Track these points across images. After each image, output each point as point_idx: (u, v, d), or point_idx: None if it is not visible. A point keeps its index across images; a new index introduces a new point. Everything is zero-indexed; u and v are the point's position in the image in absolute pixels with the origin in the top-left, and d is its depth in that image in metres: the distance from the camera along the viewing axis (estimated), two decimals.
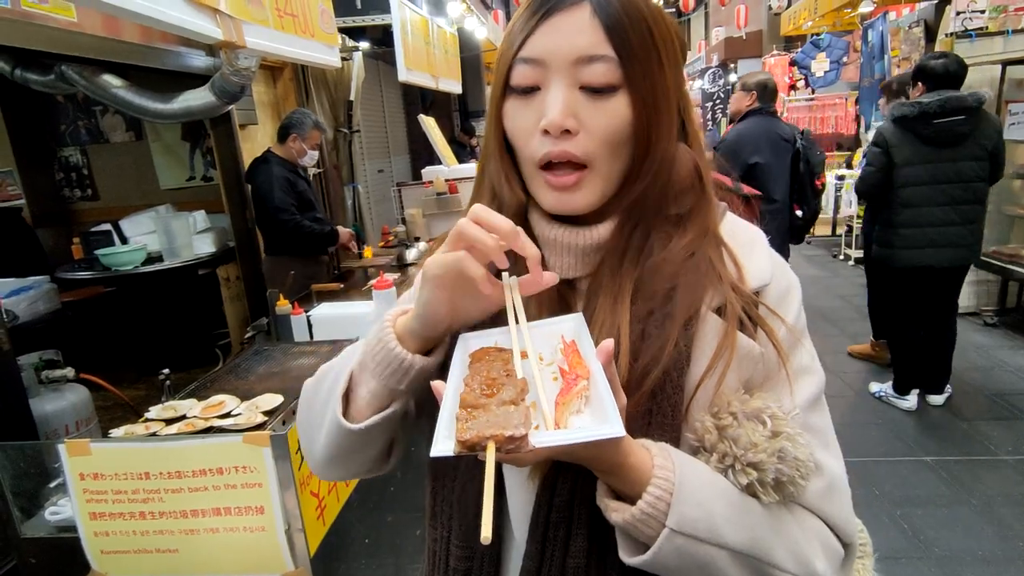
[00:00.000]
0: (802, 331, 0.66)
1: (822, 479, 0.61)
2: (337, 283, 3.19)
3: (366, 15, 3.92)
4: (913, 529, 2.42)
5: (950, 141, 2.90)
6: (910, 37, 7.44)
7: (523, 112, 0.61)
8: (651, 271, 0.63)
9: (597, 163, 0.61)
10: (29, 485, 1.51)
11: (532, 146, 0.61)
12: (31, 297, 3.23)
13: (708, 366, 0.60)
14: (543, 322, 0.59)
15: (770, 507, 0.57)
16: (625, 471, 0.53)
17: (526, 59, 0.60)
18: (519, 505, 0.64)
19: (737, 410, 0.58)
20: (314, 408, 0.68)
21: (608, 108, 0.59)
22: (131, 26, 2.44)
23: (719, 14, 14.97)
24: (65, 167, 4.28)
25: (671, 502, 0.52)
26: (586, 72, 0.58)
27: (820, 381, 0.66)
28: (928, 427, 3.18)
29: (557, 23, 0.59)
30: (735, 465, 0.56)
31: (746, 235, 0.68)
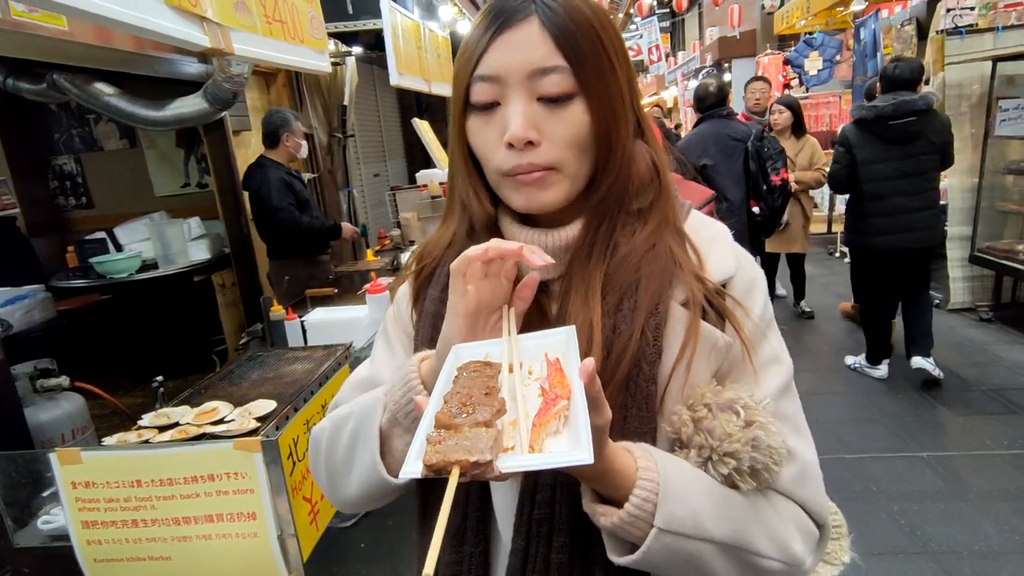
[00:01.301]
0: (769, 322, 0.68)
1: (795, 465, 0.63)
2: (331, 288, 3.19)
3: (357, 20, 3.93)
4: (910, 525, 2.42)
5: (906, 139, 3.28)
6: (902, 35, 7.47)
7: (485, 128, 0.63)
8: (618, 264, 0.65)
9: (564, 165, 0.62)
10: (22, 495, 1.51)
11: (498, 159, 0.63)
12: (26, 306, 3.23)
13: (677, 356, 0.62)
14: (536, 334, 0.59)
15: (749, 496, 0.59)
16: (610, 477, 0.53)
17: (483, 77, 0.62)
18: (504, 504, 0.65)
19: (711, 401, 0.59)
20: (336, 456, 0.70)
21: (567, 116, 0.61)
22: (122, 34, 2.44)
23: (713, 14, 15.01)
24: (59, 175, 4.29)
25: (657, 502, 0.53)
26: (542, 84, 0.60)
27: (789, 370, 0.68)
28: (924, 423, 3.18)
29: (508, 39, 0.61)
30: (712, 457, 0.58)
31: (709, 230, 0.71)
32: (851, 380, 3.74)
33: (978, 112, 4.46)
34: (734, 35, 12.52)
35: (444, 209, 0.76)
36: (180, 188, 4.33)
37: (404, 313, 0.77)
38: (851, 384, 3.69)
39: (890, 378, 3.71)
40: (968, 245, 4.53)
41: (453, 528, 0.67)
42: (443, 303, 0.68)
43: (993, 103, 4.29)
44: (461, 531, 0.67)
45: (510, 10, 0.61)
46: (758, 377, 0.64)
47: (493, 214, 0.69)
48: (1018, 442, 2.93)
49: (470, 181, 0.68)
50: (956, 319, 4.56)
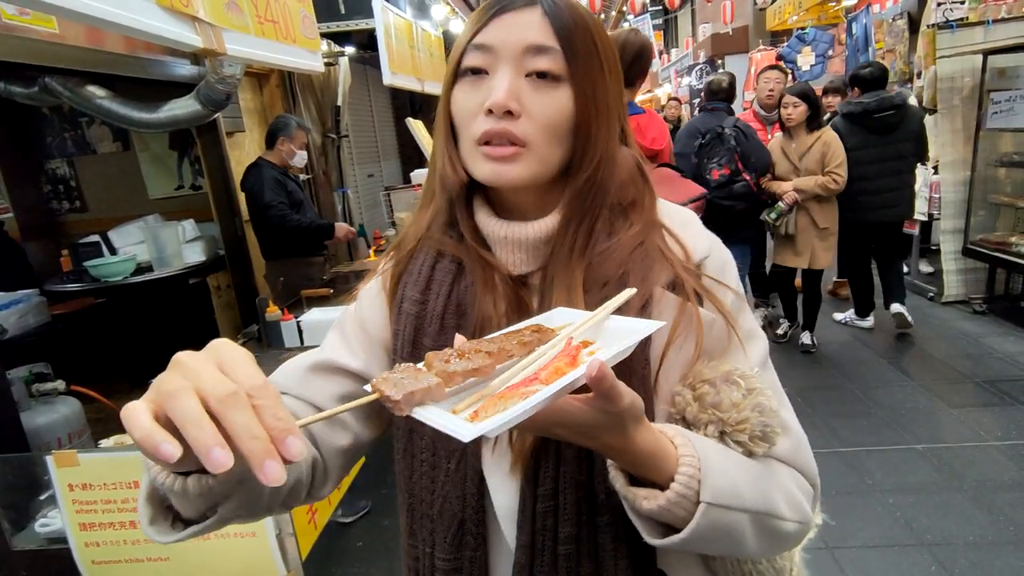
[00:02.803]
0: (743, 298, 0.70)
1: (789, 437, 0.65)
2: (327, 288, 3.19)
3: (350, 20, 3.92)
4: (905, 517, 2.44)
5: (887, 130, 3.86)
6: (894, 29, 7.50)
7: (470, 95, 0.64)
8: (600, 259, 0.65)
9: (534, 145, 0.63)
10: (19, 498, 1.51)
11: (475, 126, 0.63)
12: (20, 311, 3.22)
13: (668, 338, 0.63)
14: (628, 319, 0.58)
15: (766, 465, 0.61)
16: (650, 459, 0.53)
17: (478, 45, 0.63)
18: (505, 502, 0.64)
19: (710, 377, 0.61)
20: None
21: (551, 96, 0.63)
22: (114, 36, 2.44)
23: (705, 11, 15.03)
24: (52, 179, 4.26)
25: (700, 479, 0.53)
26: (534, 61, 0.62)
27: (765, 343, 0.70)
28: (919, 415, 3.20)
29: (509, 18, 0.63)
30: (726, 429, 0.59)
31: (680, 216, 0.73)
32: (846, 374, 3.76)
33: (970, 105, 4.48)
34: (727, 31, 12.55)
35: (422, 195, 0.75)
36: (174, 190, 4.31)
37: (369, 310, 0.75)
38: (846, 378, 3.71)
39: (884, 372, 3.74)
40: (961, 238, 4.55)
41: (450, 533, 0.66)
42: (424, 304, 0.69)
43: (985, 96, 4.32)
44: (459, 536, 0.66)
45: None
46: (744, 348, 0.66)
47: (465, 181, 0.67)
48: (1012, 433, 2.95)
49: (447, 149, 0.68)
50: (950, 312, 4.58)
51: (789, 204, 3.75)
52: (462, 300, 0.68)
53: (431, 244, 0.71)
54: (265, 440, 0.38)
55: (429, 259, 0.71)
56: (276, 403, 0.40)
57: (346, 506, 2.63)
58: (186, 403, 0.38)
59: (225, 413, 0.38)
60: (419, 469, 0.68)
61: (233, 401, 0.38)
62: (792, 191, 3.72)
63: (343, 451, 0.70)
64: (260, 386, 0.40)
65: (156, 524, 0.53)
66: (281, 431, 0.39)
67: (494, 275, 0.68)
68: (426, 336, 0.68)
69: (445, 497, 0.66)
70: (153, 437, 0.37)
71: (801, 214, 3.79)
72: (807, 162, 3.72)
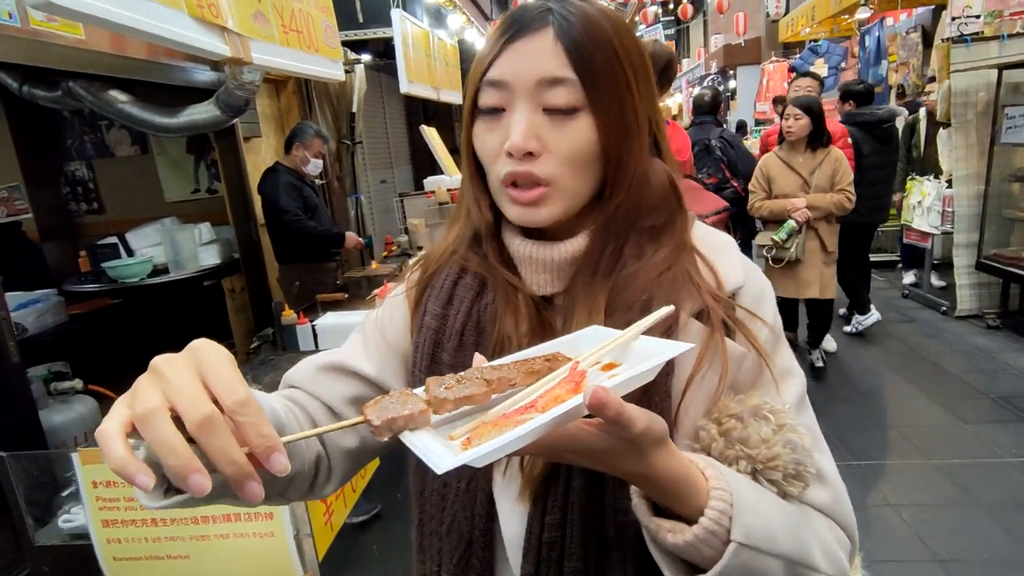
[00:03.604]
0: (780, 333, 0.67)
1: (827, 488, 0.61)
2: (341, 293, 3.22)
3: (368, 29, 3.98)
4: (919, 533, 2.42)
5: (887, 139, 4.24)
6: (907, 42, 7.50)
7: (490, 134, 0.62)
8: (624, 283, 0.63)
9: (560, 182, 0.61)
10: (42, 494, 1.54)
11: (498, 166, 0.62)
12: (39, 310, 3.27)
13: (693, 370, 0.60)
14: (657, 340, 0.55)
15: (801, 510, 0.57)
16: (677, 487, 0.50)
17: (491, 82, 0.61)
18: (512, 529, 0.62)
19: (737, 411, 0.57)
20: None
21: (571, 129, 0.60)
22: (137, 42, 2.48)
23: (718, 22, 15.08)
24: (71, 181, 4.33)
25: (732, 515, 0.49)
26: (549, 95, 0.59)
27: (802, 381, 0.66)
28: (933, 430, 3.18)
29: (521, 47, 0.60)
30: (757, 467, 0.55)
31: (717, 240, 0.69)
32: (858, 388, 3.74)
33: (984, 120, 4.47)
34: (739, 43, 12.57)
35: (453, 213, 0.75)
36: (190, 194, 4.37)
37: (390, 319, 0.74)
38: (858, 392, 3.69)
39: (897, 387, 3.72)
40: (975, 252, 4.53)
41: (457, 554, 0.64)
42: (444, 319, 0.68)
43: (999, 111, 4.30)
44: (465, 558, 0.64)
45: (526, 19, 0.60)
46: (778, 386, 0.62)
47: (492, 223, 0.67)
48: None
49: (473, 187, 0.68)
50: (963, 326, 4.55)
51: (801, 222, 3.43)
52: (482, 317, 0.67)
53: (456, 260, 0.71)
54: (243, 464, 0.38)
55: (452, 274, 0.70)
56: (259, 418, 0.39)
57: (355, 507, 2.65)
58: (161, 429, 0.37)
59: (203, 438, 0.37)
60: (430, 485, 0.68)
61: (211, 427, 0.38)
62: (805, 208, 3.41)
63: (350, 453, 0.69)
64: (242, 401, 0.39)
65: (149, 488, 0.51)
66: (265, 449, 0.39)
67: (517, 295, 0.66)
68: (444, 352, 0.67)
69: (454, 516, 0.65)
70: (127, 468, 0.37)
71: (809, 235, 3.46)
72: (818, 178, 3.44)
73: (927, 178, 4.95)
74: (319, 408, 0.68)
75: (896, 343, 4.32)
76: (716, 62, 14.87)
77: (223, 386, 0.40)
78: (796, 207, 3.40)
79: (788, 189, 3.48)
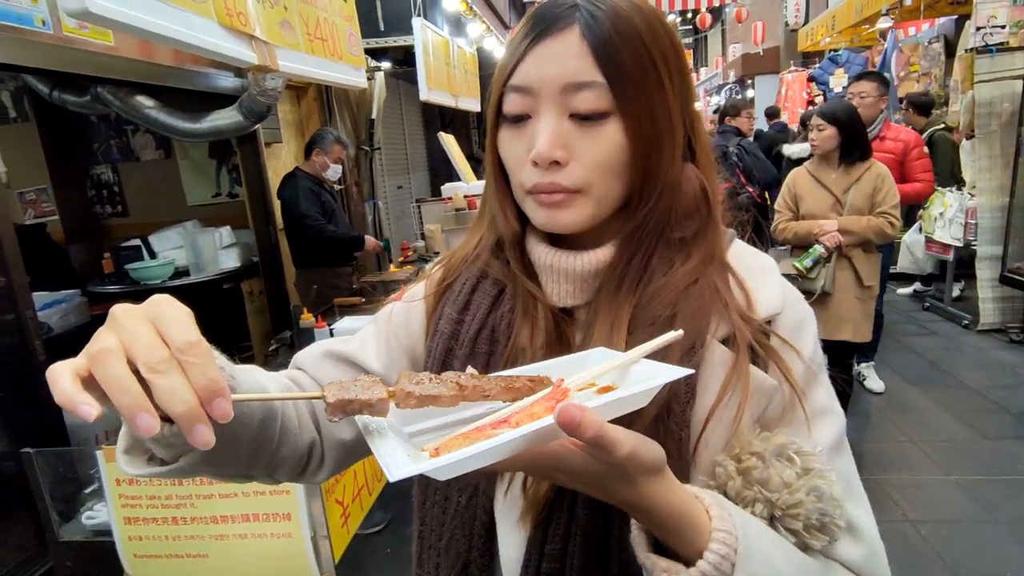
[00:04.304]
0: (820, 367, 0.61)
1: (863, 544, 0.56)
2: (358, 297, 3.25)
3: (389, 36, 4.03)
4: (937, 549, 2.38)
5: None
6: (929, 52, 7.43)
7: (515, 141, 0.60)
8: (650, 297, 0.59)
9: (588, 188, 0.58)
10: (67, 490, 1.57)
11: (523, 174, 0.59)
12: (63, 310, 3.33)
13: (717, 399, 0.55)
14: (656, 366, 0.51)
15: (825, 565, 0.53)
16: (678, 521, 0.46)
17: (516, 87, 0.58)
18: (510, 552, 0.60)
19: (760, 449, 0.53)
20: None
21: (599, 136, 0.56)
22: (163, 49, 2.54)
23: (736, 31, 15.04)
24: (97, 184, 4.42)
25: (736, 561, 0.45)
26: (575, 100, 0.56)
27: (841, 422, 0.60)
28: (953, 445, 3.13)
29: (546, 49, 0.56)
30: (776, 513, 0.51)
31: (756, 261, 0.64)
32: (876, 401, 3.69)
33: (1008, 130, 4.41)
34: (758, 52, 12.52)
35: (475, 219, 0.72)
36: (211, 197, 4.44)
37: (406, 317, 0.72)
38: (876, 405, 3.64)
39: (917, 400, 3.66)
40: (998, 265, 4.46)
41: (454, 572, 0.62)
42: (459, 324, 0.65)
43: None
44: (463, 575, 0.62)
45: (551, 17, 0.56)
46: (810, 426, 0.57)
47: (518, 231, 0.65)
48: None
49: (498, 195, 0.65)
50: (986, 340, 4.47)
51: (831, 248, 2.78)
52: (496, 326, 0.64)
53: (477, 264, 0.68)
54: (193, 405, 0.37)
55: (471, 280, 0.68)
56: (207, 361, 0.39)
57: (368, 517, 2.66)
58: (113, 367, 0.37)
59: (153, 379, 0.37)
60: (432, 497, 0.66)
61: (162, 366, 0.37)
62: (836, 232, 2.77)
63: (344, 444, 0.66)
64: (193, 343, 0.39)
65: (130, 454, 0.50)
66: (209, 393, 0.38)
67: (537, 305, 0.63)
68: (456, 359, 0.64)
69: (452, 533, 0.63)
70: (72, 398, 0.37)
71: (841, 264, 2.81)
72: (854, 197, 2.80)
73: (949, 189, 4.88)
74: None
75: (915, 356, 4.25)
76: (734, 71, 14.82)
77: (175, 331, 0.39)
78: (825, 230, 2.79)
79: (817, 209, 2.89)
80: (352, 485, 1.60)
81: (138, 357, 0.38)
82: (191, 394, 0.37)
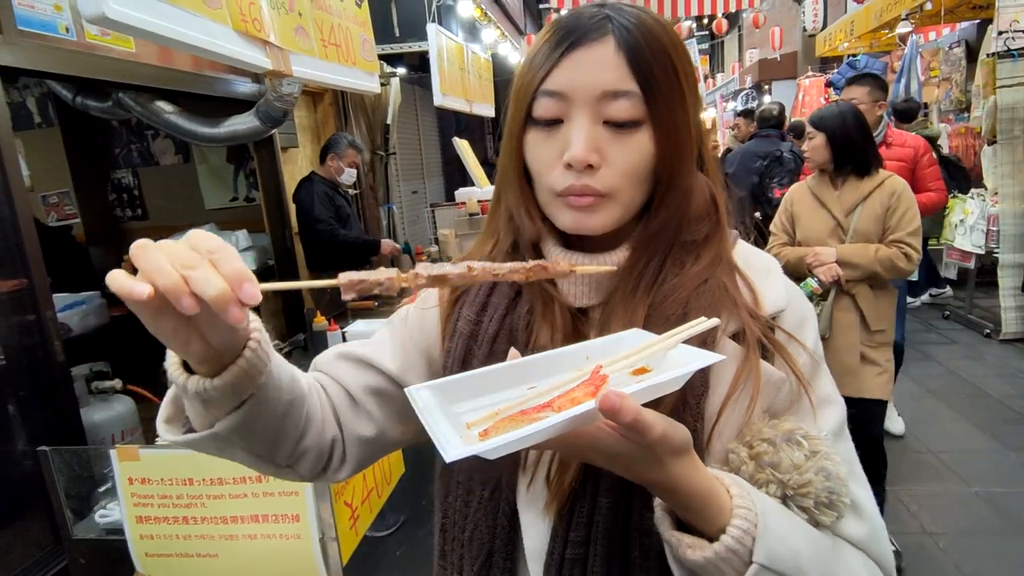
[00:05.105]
0: (820, 360, 0.65)
1: (864, 520, 0.59)
2: (371, 301, 3.26)
3: (404, 42, 4.06)
4: (956, 561, 2.33)
5: None
6: (950, 57, 7.33)
7: (545, 144, 0.61)
8: (664, 297, 0.62)
9: (617, 194, 0.60)
10: (81, 488, 1.59)
11: (553, 177, 0.61)
12: (83, 311, 3.38)
13: (729, 391, 0.58)
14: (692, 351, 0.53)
15: (835, 543, 0.56)
16: (701, 500, 0.49)
17: (550, 92, 0.59)
18: (534, 543, 0.62)
19: (770, 436, 0.56)
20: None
21: (631, 143, 0.59)
22: (183, 55, 2.59)
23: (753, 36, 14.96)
24: (117, 188, 4.50)
25: (756, 536, 0.48)
26: (610, 108, 0.58)
27: (842, 410, 0.64)
28: (974, 456, 3.07)
29: (581, 57, 0.58)
30: (788, 492, 0.54)
31: (760, 261, 0.68)
32: (894, 411, 3.63)
33: None
34: (775, 57, 12.44)
35: (486, 223, 0.73)
36: (228, 201, 4.49)
37: (421, 319, 0.74)
38: (895, 415, 3.58)
39: (937, 410, 3.60)
40: (1021, 273, 4.38)
41: (478, 563, 0.64)
42: (478, 325, 0.68)
43: None
44: (486, 568, 0.64)
45: (584, 28, 0.58)
46: (816, 415, 0.61)
47: (541, 231, 0.67)
48: None
49: (522, 197, 0.66)
50: (1008, 350, 4.39)
51: (827, 283, 2.23)
52: (515, 326, 0.66)
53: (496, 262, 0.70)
54: (224, 289, 0.41)
55: (488, 282, 0.69)
56: (233, 257, 0.43)
57: (378, 520, 2.67)
58: (154, 258, 0.42)
59: (188, 274, 0.42)
60: (455, 491, 0.67)
61: (195, 263, 0.42)
62: (834, 263, 2.22)
63: (365, 441, 0.69)
64: (220, 247, 0.44)
65: (170, 423, 0.58)
66: (237, 278, 0.42)
67: (554, 305, 0.65)
68: (475, 358, 0.66)
69: (476, 524, 0.64)
70: (127, 284, 0.41)
71: (842, 304, 2.26)
72: (861, 220, 2.25)
73: (971, 196, 4.80)
74: (340, 392, 0.70)
75: (936, 365, 4.18)
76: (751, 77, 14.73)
77: (204, 242, 0.44)
78: (821, 261, 2.24)
79: (814, 234, 2.35)
80: (361, 487, 1.61)
81: (175, 260, 0.42)
82: (222, 281, 0.42)
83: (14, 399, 1.83)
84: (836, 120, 2.28)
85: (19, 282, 1.85)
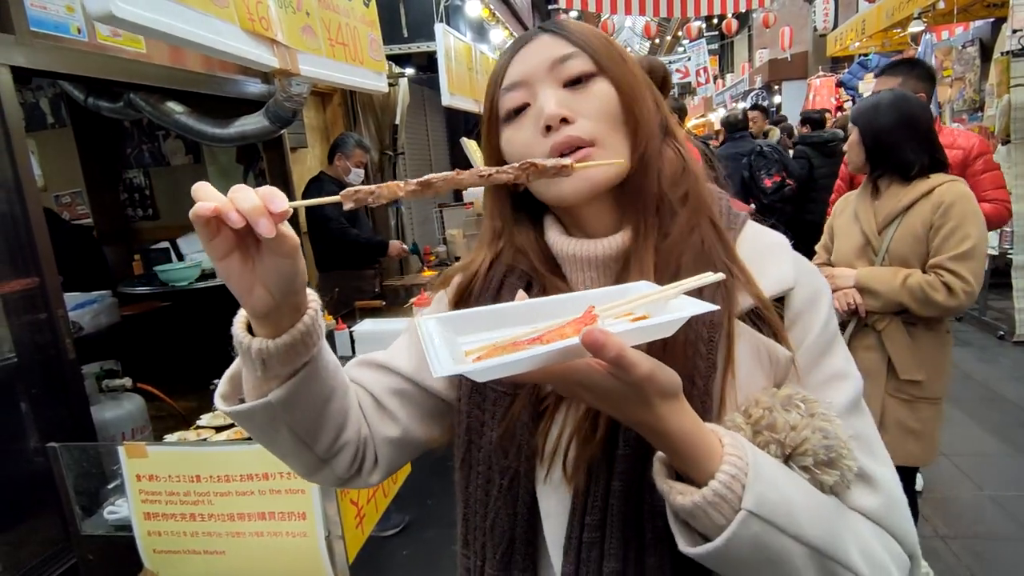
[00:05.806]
0: (834, 334, 0.65)
1: (880, 493, 0.59)
2: (379, 300, 3.27)
3: (412, 43, 4.07)
4: (968, 565, 2.30)
5: (833, 153, 4.27)
6: (964, 56, 7.25)
7: (520, 131, 0.67)
8: (663, 264, 0.64)
9: (601, 139, 0.64)
10: (90, 485, 1.60)
11: (539, 148, 0.64)
12: (95, 310, 3.41)
13: (735, 369, 0.60)
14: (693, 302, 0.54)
15: (839, 506, 0.56)
16: (691, 446, 0.50)
17: (510, 85, 0.67)
18: (554, 529, 0.64)
19: (768, 403, 0.57)
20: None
21: (593, 91, 0.65)
22: (194, 56, 2.60)
23: (763, 36, 14.88)
24: (129, 188, 4.53)
25: (746, 483, 0.48)
26: (563, 70, 0.65)
27: (858, 384, 0.64)
28: (987, 459, 3.03)
29: (526, 52, 0.67)
30: (787, 451, 0.54)
31: (769, 239, 0.69)
32: None
33: None
34: (785, 57, 12.37)
35: (481, 234, 0.78)
36: None
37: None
38: None
39: (949, 413, 3.55)
40: None
41: (500, 550, 0.66)
42: None
43: None
44: (508, 555, 0.66)
45: (525, 37, 0.68)
46: (818, 393, 0.61)
47: (537, 233, 0.71)
48: None
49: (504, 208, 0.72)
50: (1022, 352, 4.33)
51: (843, 313, 1.85)
52: None
53: (503, 260, 0.73)
54: (257, 203, 0.48)
55: (499, 273, 0.72)
56: (272, 190, 0.50)
57: (384, 520, 2.67)
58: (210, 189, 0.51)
59: (232, 195, 0.49)
60: (475, 481, 0.69)
61: (243, 192, 0.49)
62: (852, 289, 1.85)
63: (392, 442, 0.73)
64: (269, 189, 0.50)
65: (226, 399, 0.66)
66: (269, 196, 0.49)
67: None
68: None
69: (497, 513, 0.66)
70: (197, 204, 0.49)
71: (864, 342, 1.87)
72: (898, 238, 1.82)
73: None
74: (365, 395, 0.74)
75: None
76: (761, 77, 14.66)
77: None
78: (837, 285, 1.87)
79: (842, 254, 1.97)
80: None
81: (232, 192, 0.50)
82: (257, 197, 0.49)
83: (26, 396, 1.85)
84: (868, 112, 1.86)
85: (31, 281, 1.87)
